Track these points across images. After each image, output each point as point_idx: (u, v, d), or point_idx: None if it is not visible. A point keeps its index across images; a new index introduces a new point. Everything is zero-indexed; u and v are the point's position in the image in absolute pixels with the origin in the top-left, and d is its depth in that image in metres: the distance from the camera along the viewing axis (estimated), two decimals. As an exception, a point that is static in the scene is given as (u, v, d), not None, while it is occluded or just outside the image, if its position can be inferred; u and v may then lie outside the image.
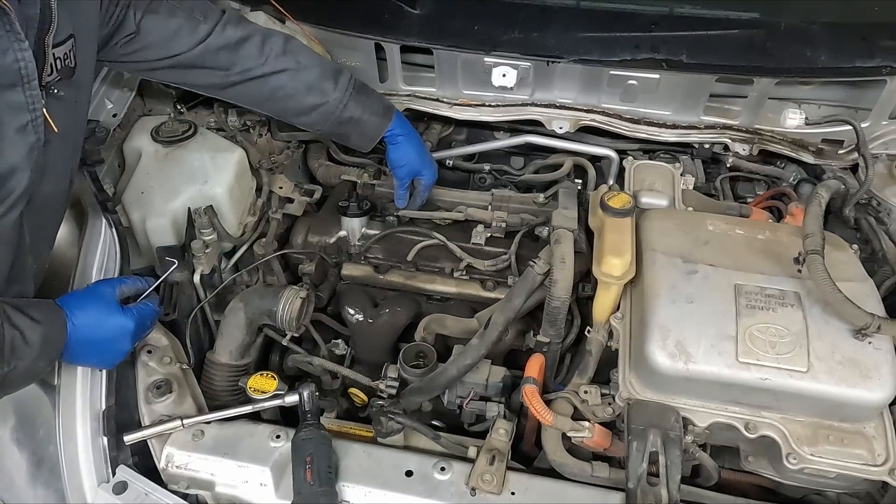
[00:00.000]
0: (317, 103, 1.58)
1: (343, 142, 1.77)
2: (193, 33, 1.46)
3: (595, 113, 1.82)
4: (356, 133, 1.67)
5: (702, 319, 1.22)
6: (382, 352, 1.68)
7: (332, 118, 1.61)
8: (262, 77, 1.53)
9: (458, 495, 1.24)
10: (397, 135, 1.70)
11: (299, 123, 1.68)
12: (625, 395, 1.27)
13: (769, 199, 1.80)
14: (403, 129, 1.71)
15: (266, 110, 1.65)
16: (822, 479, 1.25)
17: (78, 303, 1.24)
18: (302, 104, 1.59)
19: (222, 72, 1.51)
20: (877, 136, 1.71)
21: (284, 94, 1.56)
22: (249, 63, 1.51)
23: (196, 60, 1.47)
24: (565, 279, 1.39)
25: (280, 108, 1.61)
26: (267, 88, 1.55)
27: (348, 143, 1.74)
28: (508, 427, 1.34)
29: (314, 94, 1.58)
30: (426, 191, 1.80)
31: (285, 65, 1.54)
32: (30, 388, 1.38)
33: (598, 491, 1.26)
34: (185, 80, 1.55)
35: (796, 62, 1.62)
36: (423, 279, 1.74)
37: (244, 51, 1.50)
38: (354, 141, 1.71)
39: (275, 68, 1.53)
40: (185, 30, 1.45)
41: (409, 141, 1.73)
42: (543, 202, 1.76)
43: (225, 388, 1.55)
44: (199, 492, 1.32)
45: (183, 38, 1.45)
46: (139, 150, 1.69)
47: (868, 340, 1.18)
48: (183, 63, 1.47)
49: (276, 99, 1.57)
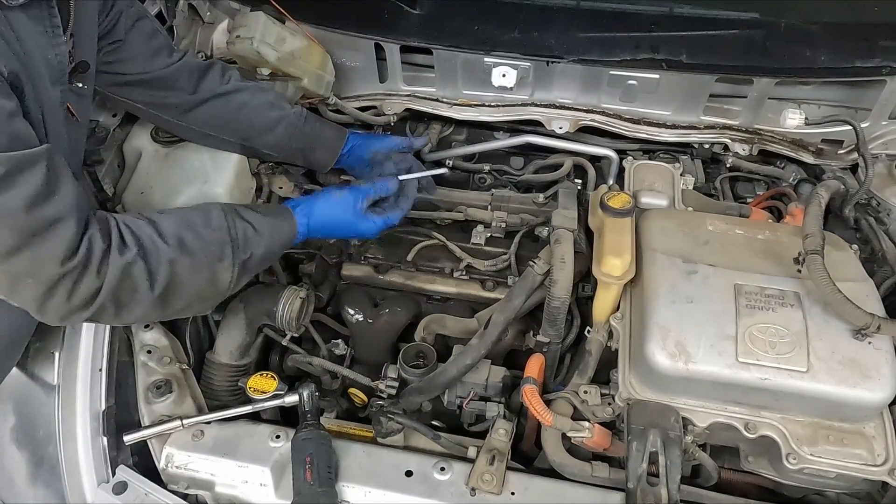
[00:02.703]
0: (280, 116, 1.63)
1: (309, 158, 1.72)
2: (171, 55, 1.51)
3: (595, 113, 1.82)
4: (321, 145, 1.69)
5: (702, 319, 1.22)
6: (382, 352, 1.68)
7: (297, 130, 1.64)
8: (226, 94, 1.57)
9: (457, 495, 1.24)
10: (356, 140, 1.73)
11: (267, 144, 1.65)
12: (625, 395, 1.27)
13: (769, 199, 1.80)
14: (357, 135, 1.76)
15: (232, 131, 1.62)
16: (822, 479, 1.25)
17: (325, 207, 1.41)
18: (266, 118, 1.62)
19: (189, 94, 1.54)
20: (876, 136, 1.71)
21: (249, 111, 1.60)
22: (213, 84, 1.56)
23: (168, 80, 1.50)
24: (565, 279, 1.39)
25: (246, 125, 1.61)
26: (232, 105, 1.58)
27: (314, 159, 1.72)
28: (508, 427, 1.34)
29: (275, 109, 1.63)
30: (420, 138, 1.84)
31: (245, 86, 1.61)
32: (30, 388, 1.39)
33: (598, 491, 1.26)
34: (153, 100, 1.53)
35: (796, 62, 1.62)
36: (423, 279, 1.74)
37: (209, 75, 1.56)
38: (320, 155, 1.70)
39: (237, 87, 1.59)
40: (164, 51, 1.49)
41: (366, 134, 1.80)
42: (543, 202, 1.76)
43: (225, 388, 1.55)
44: (199, 492, 1.32)
45: (162, 57, 1.49)
46: (139, 150, 1.69)
47: (868, 340, 1.18)
48: (155, 81, 1.49)
49: (241, 117, 1.59)
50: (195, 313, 1.29)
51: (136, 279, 1.09)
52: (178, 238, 1.16)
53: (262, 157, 1.74)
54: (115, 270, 1.06)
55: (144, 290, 1.10)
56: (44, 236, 0.98)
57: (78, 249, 1.02)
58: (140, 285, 1.10)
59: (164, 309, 1.16)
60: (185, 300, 1.18)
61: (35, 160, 0.97)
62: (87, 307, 1.06)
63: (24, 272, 0.99)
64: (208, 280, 1.20)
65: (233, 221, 1.24)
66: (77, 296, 1.04)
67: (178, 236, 1.17)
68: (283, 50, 1.72)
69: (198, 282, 1.18)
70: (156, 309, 1.14)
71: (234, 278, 1.23)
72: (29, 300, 1.03)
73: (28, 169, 0.95)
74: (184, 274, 1.15)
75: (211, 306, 1.29)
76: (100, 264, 1.05)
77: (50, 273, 1.00)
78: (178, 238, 1.16)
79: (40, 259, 0.98)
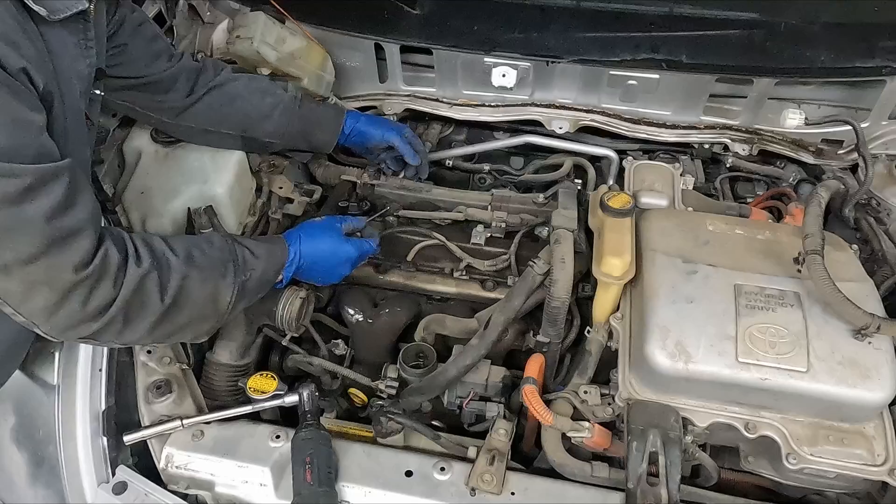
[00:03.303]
0: (275, 101, 1.66)
1: (311, 140, 1.74)
2: (170, 59, 1.53)
3: (595, 113, 1.82)
4: (320, 126, 1.73)
5: (702, 319, 1.22)
6: (382, 352, 1.68)
7: (294, 114, 1.67)
8: (219, 87, 1.60)
9: (457, 495, 1.24)
10: (359, 120, 1.77)
11: (266, 132, 1.67)
12: (625, 395, 1.27)
13: (769, 199, 1.80)
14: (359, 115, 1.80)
15: (231, 124, 1.63)
16: (822, 479, 1.25)
17: (311, 231, 1.46)
18: (262, 106, 1.64)
19: (186, 97, 1.56)
20: (876, 136, 1.71)
21: (243, 100, 1.62)
22: (208, 79, 1.59)
23: (166, 82, 1.52)
24: (565, 279, 1.39)
25: (243, 115, 1.63)
26: (226, 97, 1.60)
27: (315, 140, 1.75)
28: (508, 427, 1.34)
29: (270, 96, 1.66)
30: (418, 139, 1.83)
31: (237, 76, 1.65)
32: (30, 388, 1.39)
33: (598, 491, 1.26)
34: (150, 102, 1.54)
35: (796, 62, 1.62)
36: (423, 279, 1.74)
37: (204, 73, 1.60)
38: (321, 135, 1.74)
39: (228, 78, 1.63)
40: (164, 55, 1.51)
41: (370, 116, 1.82)
42: (543, 202, 1.76)
43: (225, 389, 1.55)
44: (199, 492, 1.32)
45: (162, 61, 1.51)
46: (139, 151, 1.69)
47: (868, 340, 1.18)
48: (154, 84, 1.50)
49: (236, 107, 1.61)
50: (191, 336, 1.28)
51: (148, 291, 1.12)
52: (187, 252, 1.21)
53: (265, 147, 1.75)
54: (132, 282, 1.09)
55: (155, 301, 1.12)
56: (62, 246, 1.00)
57: (93, 260, 1.04)
58: (151, 298, 1.12)
59: (167, 325, 1.17)
60: (188, 316, 1.19)
61: (58, 174, 1.00)
62: (99, 317, 1.07)
63: (41, 280, 1.01)
64: (211, 297, 1.22)
65: (232, 244, 1.30)
66: (92, 304, 1.05)
67: (187, 251, 1.21)
68: (283, 50, 1.73)
69: (202, 296, 1.21)
70: (158, 324, 1.15)
71: (234, 298, 1.25)
72: (40, 308, 1.04)
73: (51, 181, 0.98)
74: (192, 287, 1.18)
75: (207, 331, 1.29)
76: (117, 274, 1.08)
77: (66, 280, 1.02)
78: (187, 252, 1.21)
79: (57, 267, 1.00)
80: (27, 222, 0.96)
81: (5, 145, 0.92)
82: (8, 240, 0.96)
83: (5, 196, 0.93)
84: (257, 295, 1.35)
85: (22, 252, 0.97)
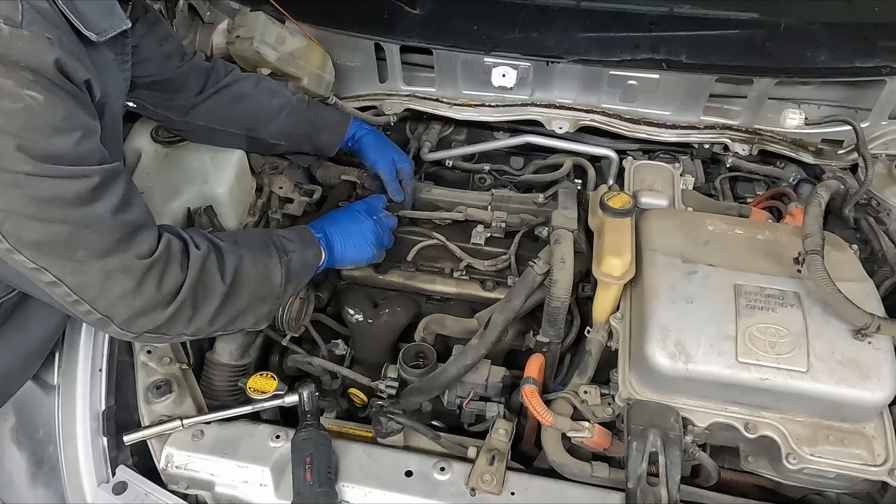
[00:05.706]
0: (283, 103, 1.68)
1: (315, 142, 1.75)
2: (182, 58, 1.54)
3: (595, 113, 1.82)
4: (325, 128, 1.75)
5: (701, 319, 1.22)
6: (382, 352, 1.68)
7: (300, 115, 1.70)
8: (228, 86, 1.61)
9: (457, 495, 1.24)
10: (365, 132, 1.78)
11: (272, 133, 1.68)
12: (624, 395, 1.27)
13: (769, 199, 1.80)
14: (366, 126, 1.80)
15: (237, 123, 1.64)
16: (822, 479, 1.25)
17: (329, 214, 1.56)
18: (269, 106, 1.66)
19: (196, 95, 1.57)
20: (876, 136, 1.71)
21: (251, 100, 1.64)
22: (218, 78, 1.61)
23: (178, 81, 1.53)
24: (565, 279, 1.39)
25: (250, 115, 1.64)
26: (234, 97, 1.62)
27: (320, 143, 1.76)
28: (508, 427, 1.34)
29: (277, 97, 1.68)
30: (412, 179, 1.82)
31: (246, 76, 1.67)
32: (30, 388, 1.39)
33: (598, 491, 1.26)
34: (161, 100, 1.55)
35: (796, 62, 1.63)
36: (423, 279, 1.74)
37: (215, 70, 1.62)
38: (325, 138, 1.75)
39: (237, 78, 1.64)
40: (176, 54, 1.52)
41: (377, 134, 1.81)
42: (543, 202, 1.76)
43: (225, 389, 1.55)
44: (199, 492, 1.32)
45: (174, 60, 1.52)
46: (139, 150, 1.69)
47: (868, 340, 1.18)
48: (166, 82, 1.51)
49: (243, 107, 1.63)
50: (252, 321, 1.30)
51: (211, 273, 1.19)
52: (232, 238, 1.30)
53: (270, 148, 1.76)
54: (196, 264, 1.16)
55: (217, 283, 1.19)
56: (130, 239, 1.08)
57: (158, 247, 1.12)
58: (214, 279, 1.19)
59: (230, 307, 1.22)
60: (248, 297, 1.25)
61: (118, 173, 1.08)
62: (172, 300, 1.13)
63: (117, 268, 1.07)
64: (264, 276, 1.29)
65: (267, 231, 1.40)
66: (165, 287, 1.12)
67: (231, 237, 1.30)
68: (283, 50, 1.73)
69: (257, 276, 1.27)
70: (222, 307, 1.21)
71: (283, 278, 1.31)
72: (118, 295, 1.09)
73: (114, 180, 1.07)
74: (246, 267, 1.25)
75: (266, 314, 1.32)
76: (182, 258, 1.15)
77: (140, 265, 1.09)
78: (232, 238, 1.30)
79: (130, 256, 1.08)
80: (98, 219, 1.04)
81: (77, 150, 1.00)
82: (83, 237, 1.03)
83: (78, 196, 1.00)
84: (304, 278, 1.40)
85: (95, 247, 1.04)
